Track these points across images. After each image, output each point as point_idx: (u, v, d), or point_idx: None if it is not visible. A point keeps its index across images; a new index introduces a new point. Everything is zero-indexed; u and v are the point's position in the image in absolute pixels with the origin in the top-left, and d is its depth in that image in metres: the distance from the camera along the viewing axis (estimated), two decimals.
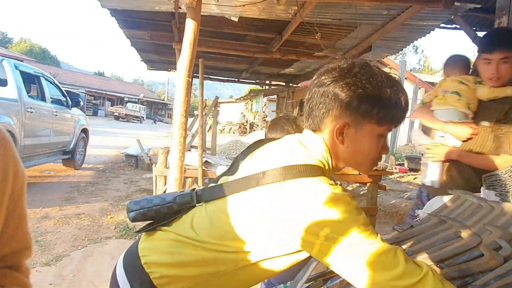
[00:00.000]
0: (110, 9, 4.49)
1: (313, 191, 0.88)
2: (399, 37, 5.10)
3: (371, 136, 0.97)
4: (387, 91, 0.94)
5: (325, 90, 0.96)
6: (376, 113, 0.94)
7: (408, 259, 0.87)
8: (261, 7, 3.99)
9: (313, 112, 0.99)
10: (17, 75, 5.46)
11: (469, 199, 1.42)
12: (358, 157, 1.00)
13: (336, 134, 0.96)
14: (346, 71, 0.95)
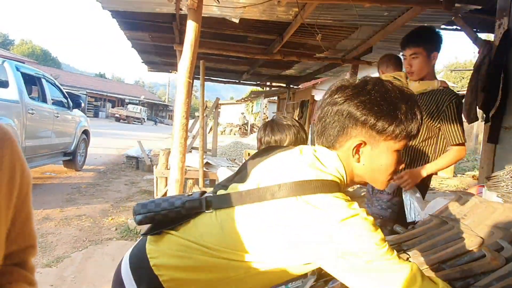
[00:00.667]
0: (111, 11, 4.50)
1: (330, 207, 0.87)
2: (399, 38, 5.06)
3: (388, 153, 0.96)
4: (402, 107, 0.93)
5: (339, 109, 0.95)
6: (392, 130, 0.93)
7: (424, 276, 0.87)
8: (261, 9, 3.99)
9: (326, 130, 0.98)
10: (19, 76, 5.47)
11: (471, 200, 1.42)
12: (375, 174, 0.99)
13: (353, 153, 0.95)
14: (360, 89, 0.95)
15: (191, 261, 0.98)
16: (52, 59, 51.15)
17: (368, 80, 0.97)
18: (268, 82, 11.10)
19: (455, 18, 4.19)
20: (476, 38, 4.10)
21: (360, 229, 0.85)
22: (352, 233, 0.85)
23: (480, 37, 4.14)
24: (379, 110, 0.91)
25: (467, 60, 35.67)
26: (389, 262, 0.85)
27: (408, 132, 0.94)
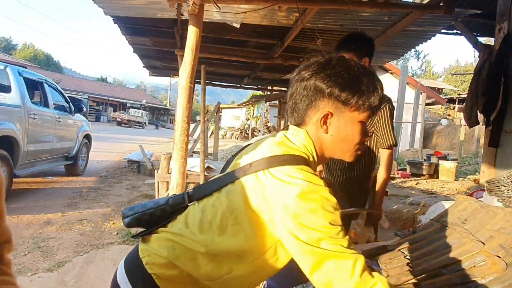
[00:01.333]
0: (113, 16, 4.53)
1: (293, 179, 0.91)
2: (400, 42, 5.12)
3: (353, 123, 1.01)
4: (364, 80, 0.99)
5: (306, 84, 1.00)
6: (356, 101, 0.98)
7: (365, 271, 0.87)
8: (262, 14, 4.01)
9: (297, 106, 1.03)
10: (21, 81, 5.51)
11: (472, 205, 1.42)
12: (343, 144, 1.03)
13: (321, 124, 1.01)
14: (325, 64, 1.01)
15: (179, 253, 1.00)
16: (54, 64, 51.40)
17: (333, 57, 1.03)
18: (269, 86, 11.13)
19: (455, 22, 4.21)
20: (476, 42, 4.12)
21: (318, 205, 0.88)
22: (309, 207, 0.87)
23: (480, 41, 4.15)
24: (343, 82, 0.97)
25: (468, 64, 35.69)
26: (336, 247, 0.86)
27: (370, 104, 1.00)
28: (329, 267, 0.86)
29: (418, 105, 14.86)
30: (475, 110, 3.50)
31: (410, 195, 6.52)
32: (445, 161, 8.81)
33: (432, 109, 23.30)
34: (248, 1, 3.42)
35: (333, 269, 0.86)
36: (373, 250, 1.36)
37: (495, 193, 1.58)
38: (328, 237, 0.87)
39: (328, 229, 0.87)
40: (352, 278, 0.85)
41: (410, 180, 8.20)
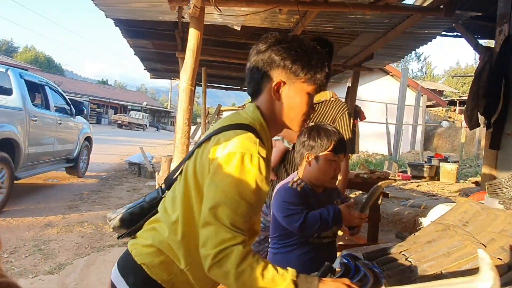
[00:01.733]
0: (115, 19, 4.55)
1: (228, 142, 1.01)
2: (400, 45, 5.13)
3: (302, 94, 1.10)
4: (314, 57, 1.09)
5: (263, 55, 1.09)
6: (305, 73, 1.08)
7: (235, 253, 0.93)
8: (263, 16, 4.03)
9: (254, 76, 1.12)
10: (22, 84, 5.52)
11: (473, 207, 1.42)
12: (291, 112, 1.11)
13: (274, 91, 1.09)
14: (281, 39, 1.10)
15: (161, 237, 1.07)
16: (55, 66, 51.49)
17: (289, 34, 1.15)
18: None
19: (455, 24, 4.22)
20: (477, 45, 4.12)
21: (238, 170, 0.96)
22: (229, 170, 0.97)
23: (480, 44, 4.16)
24: (295, 55, 1.07)
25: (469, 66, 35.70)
26: (226, 219, 0.94)
27: (316, 79, 1.10)
28: (210, 231, 0.95)
29: (419, 107, 14.85)
30: (476, 112, 3.50)
31: (411, 197, 6.51)
32: (446, 163, 8.80)
33: (432, 111, 23.28)
34: (249, 4, 3.43)
35: (213, 235, 0.94)
36: (374, 252, 1.36)
37: (496, 196, 1.58)
38: (225, 205, 0.95)
39: (232, 197, 0.96)
40: (215, 249, 0.93)
41: (411, 182, 8.19)
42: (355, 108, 5.95)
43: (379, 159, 12.96)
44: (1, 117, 4.83)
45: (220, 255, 0.93)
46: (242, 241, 0.96)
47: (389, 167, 9.30)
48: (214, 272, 0.95)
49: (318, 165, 1.61)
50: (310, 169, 1.64)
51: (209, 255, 0.93)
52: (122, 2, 3.89)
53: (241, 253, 0.94)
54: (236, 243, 0.94)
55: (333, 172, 1.61)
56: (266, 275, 0.94)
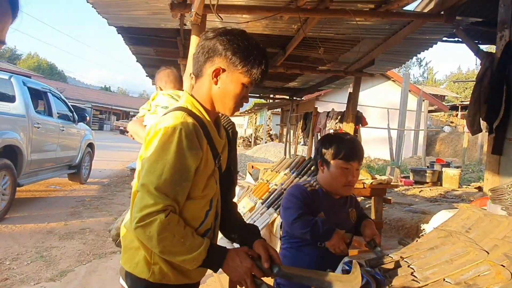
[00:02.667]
0: (117, 27, 4.58)
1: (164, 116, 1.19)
2: (401, 50, 5.14)
3: (237, 83, 1.21)
4: (254, 53, 1.20)
5: (209, 42, 1.21)
6: (243, 65, 1.19)
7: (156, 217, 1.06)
8: (264, 23, 4.05)
9: (198, 58, 1.24)
10: (25, 91, 5.55)
11: (475, 213, 1.41)
12: (226, 98, 1.23)
13: (213, 75, 1.21)
14: (228, 31, 1.22)
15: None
16: (58, 73, 51.76)
17: (238, 29, 1.25)
18: (272, 94, 11.16)
19: (456, 30, 4.22)
20: (478, 50, 4.12)
21: (166, 141, 1.11)
22: (156, 143, 1.12)
23: (482, 49, 4.16)
24: (237, 48, 1.18)
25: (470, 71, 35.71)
26: (149, 186, 1.08)
27: (252, 73, 1.20)
28: (137, 197, 1.10)
29: (421, 113, 14.84)
30: (478, 118, 3.49)
31: (414, 202, 6.49)
32: (449, 168, 8.77)
33: (434, 116, 23.26)
34: (250, 11, 3.46)
35: (139, 200, 1.09)
36: (377, 259, 1.35)
37: (499, 202, 1.57)
38: (150, 173, 1.09)
39: (156, 165, 1.10)
40: (139, 213, 1.06)
41: (414, 187, 8.16)
42: (357, 113, 5.95)
43: (381, 165, 12.93)
44: (4, 124, 4.85)
45: (144, 221, 1.06)
46: (164, 207, 1.07)
47: (391, 172, 9.28)
48: (138, 233, 1.08)
49: (330, 172, 1.65)
50: (323, 176, 1.69)
51: (135, 218, 1.07)
52: (125, 10, 3.92)
53: (164, 222, 1.05)
54: (158, 210, 1.06)
55: (345, 179, 1.63)
56: (185, 242, 1.09)
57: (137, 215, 1.07)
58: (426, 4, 3.91)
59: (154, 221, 1.06)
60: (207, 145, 1.21)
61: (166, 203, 1.08)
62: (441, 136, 18.29)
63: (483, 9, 4.12)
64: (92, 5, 3.63)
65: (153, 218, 1.06)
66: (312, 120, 7.60)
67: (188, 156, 1.12)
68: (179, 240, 1.08)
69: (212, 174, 1.25)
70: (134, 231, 1.09)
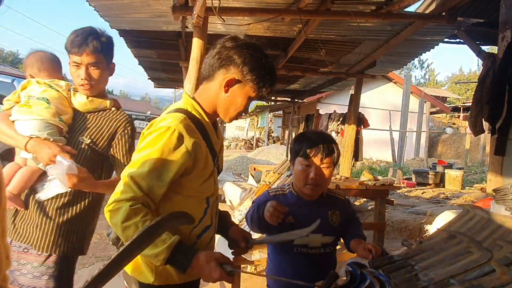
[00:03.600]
0: (119, 30, 4.60)
1: (164, 116, 1.21)
2: (403, 52, 5.14)
3: (246, 96, 1.26)
4: (269, 72, 1.26)
5: (228, 51, 1.24)
6: (256, 82, 1.24)
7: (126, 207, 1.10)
8: (266, 25, 4.06)
9: (213, 63, 1.26)
10: None
11: (479, 214, 1.41)
12: (231, 107, 1.27)
13: (225, 84, 1.23)
14: (248, 45, 1.25)
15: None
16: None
17: (255, 43, 1.28)
18: (273, 96, 11.18)
19: (458, 31, 4.22)
20: (480, 51, 4.12)
21: (156, 141, 1.15)
22: (149, 138, 1.17)
23: (483, 50, 4.16)
24: (256, 65, 1.23)
25: (472, 72, 35.66)
26: (143, 165, 1.13)
27: (261, 91, 1.26)
28: (119, 184, 1.14)
29: (423, 114, 14.83)
30: (480, 119, 3.48)
31: (416, 204, 6.47)
32: (451, 170, 8.75)
33: (436, 117, 23.21)
34: (251, 13, 3.47)
35: (117, 187, 1.14)
36: (380, 260, 1.35)
37: (503, 202, 1.57)
38: (132, 165, 1.14)
39: (139, 159, 1.14)
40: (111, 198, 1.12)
41: (416, 189, 8.14)
42: (359, 115, 5.95)
43: (383, 166, 12.90)
44: None
45: (112, 206, 1.10)
46: (133, 197, 1.10)
47: (393, 174, 9.26)
48: (107, 218, 1.12)
49: (294, 170, 1.57)
50: (293, 176, 1.61)
51: (108, 203, 1.13)
52: (126, 13, 3.94)
53: (129, 211, 1.08)
54: (127, 198, 1.10)
55: (306, 177, 1.50)
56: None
57: (110, 200, 1.12)
58: (427, 5, 3.91)
59: (120, 209, 1.09)
60: (206, 147, 1.23)
61: (137, 194, 1.11)
62: (443, 137, 18.25)
63: (484, 10, 4.12)
64: (94, 8, 3.65)
65: (120, 205, 1.09)
66: (314, 122, 7.60)
67: (173, 157, 1.14)
68: None
69: (212, 174, 1.28)
70: (105, 214, 1.13)
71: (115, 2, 3.58)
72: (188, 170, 1.19)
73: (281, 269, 1.57)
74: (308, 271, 1.52)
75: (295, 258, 1.54)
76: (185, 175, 1.19)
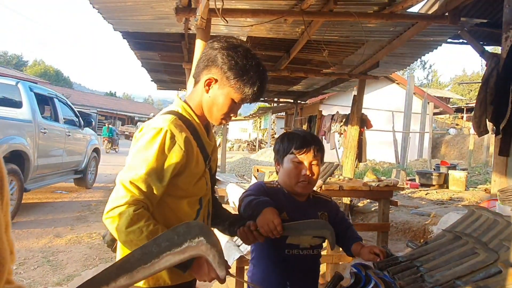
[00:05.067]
0: (122, 32, 4.62)
1: (155, 119, 1.24)
2: (406, 52, 5.12)
3: (227, 97, 1.26)
4: (250, 74, 1.23)
5: (212, 52, 1.25)
6: (235, 82, 1.23)
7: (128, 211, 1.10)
8: (268, 27, 4.06)
9: (199, 64, 1.29)
10: (32, 97, 5.60)
11: (484, 215, 1.40)
12: (213, 108, 1.28)
13: (205, 84, 1.26)
14: (232, 46, 1.25)
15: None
16: (64, 79, 52.23)
17: (242, 45, 1.27)
18: (276, 98, 11.17)
19: (461, 32, 4.21)
20: (483, 51, 4.11)
21: (148, 143, 1.15)
22: (142, 142, 1.17)
23: (487, 50, 4.14)
24: (234, 64, 1.22)
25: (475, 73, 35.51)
26: (140, 167, 1.13)
27: (243, 91, 1.24)
28: (116, 189, 1.14)
29: (426, 115, 14.78)
30: (484, 119, 3.47)
31: (420, 205, 6.44)
32: (455, 171, 8.71)
33: (439, 118, 23.13)
34: (254, 15, 3.47)
35: (114, 192, 1.13)
36: (385, 262, 1.34)
37: (508, 202, 1.56)
38: (129, 169, 1.14)
39: (136, 162, 1.14)
40: (110, 203, 1.11)
41: (420, 190, 8.10)
42: (362, 116, 5.94)
43: (387, 167, 12.86)
44: (11, 129, 4.90)
45: (113, 213, 1.09)
46: (134, 201, 1.10)
47: (397, 175, 9.22)
48: (107, 223, 1.11)
49: (284, 169, 1.54)
50: (280, 175, 1.58)
51: (106, 208, 1.11)
52: (130, 15, 3.95)
53: (133, 216, 1.08)
54: (129, 202, 1.10)
55: (299, 175, 1.50)
56: (152, 238, 1.07)
57: (108, 206, 1.11)
58: (430, 5, 3.90)
59: (122, 214, 1.09)
60: (197, 147, 1.25)
61: (139, 197, 1.11)
62: (447, 138, 18.17)
63: (487, 10, 4.11)
64: (98, 11, 3.66)
65: (122, 210, 1.09)
66: (317, 123, 7.59)
67: (168, 158, 1.16)
68: (147, 236, 1.08)
69: (203, 175, 1.29)
70: (104, 221, 1.12)
71: (119, 4, 3.59)
72: (182, 169, 1.20)
73: (269, 273, 1.52)
74: (298, 273, 1.50)
75: (286, 260, 1.50)
76: (178, 174, 1.20)
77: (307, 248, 1.51)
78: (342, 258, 3.25)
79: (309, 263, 1.55)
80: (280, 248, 1.49)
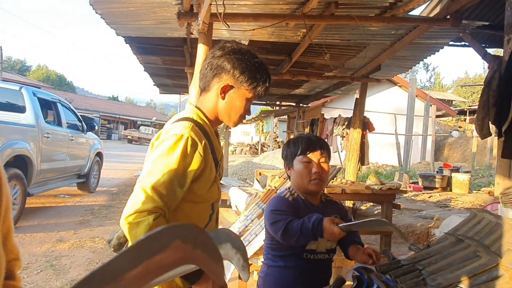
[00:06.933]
0: (125, 37, 4.65)
1: (171, 126, 1.24)
2: (408, 55, 5.13)
3: (243, 98, 1.30)
4: (260, 71, 1.29)
5: (218, 60, 1.28)
6: (249, 83, 1.28)
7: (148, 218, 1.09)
8: (270, 31, 4.08)
9: (206, 74, 1.31)
10: (35, 101, 5.64)
11: (486, 217, 1.40)
12: (232, 112, 1.31)
13: (221, 92, 1.29)
14: (236, 49, 1.29)
15: None
16: (67, 84, 52.46)
17: (242, 47, 1.32)
18: (278, 101, 11.18)
19: (463, 34, 4.21)
20: (485, 54, 4.10)
21: (169, 149, 1.16)
22: (163, 148, 1.18)
23: (489, 53, 4.14)
24: (245, 67, 1.27)
25: (477, 75, 35.43)
26: (149, 180, 1.13)
27: (257, 90, 1.30)
28: (132, 195, 1.13)
29: (428, 118, 14.73)
30: (487, 122, 3.46)
31: (423, 208, 6.41)
32: (458, 173, 8.67)
33: (442, 121, 23.06)
34: (256, 19, 3.49)
35: (133, 198, 1.12)
36: (388, 265, 1.34)
37: (510, 205, 1.55)
38: (151, 174, 1.14)
39: (158, 167, 1.14)
40: (130, 209, 1.10)
41: (423, 193, 8.07)
42: (364, 119, 5.93)
43: (390, 170, 12.82)
44: (14, 134, 4.92)
45: (133, 220, 1.09)
46: (154, 209, 1.10)
47: (399, 178, 9.20)
48: (125, 230, 1.11)
49: (295, 171, 1.61)
50: (292, 179, 1.65)
51: (126, 214, 1.10)
52: (132, 20, 3.98)
53: (152, 225, 1.08)
54: (149, 209, 1.09)
55: (310, 173, 1.57)
56: None
57: (127, 211, 1.10)
58: (432, 8, 3.91)
59: (142, 222, 1.08)
60: (210, 154, 1.28)
61: (158, 204, 1.11)
62: (450, 141, 18.11)
63: (489, 13, 4.11)
64: (100, 16, 3.69)
65: (142, 218, 1.09)
66: (319, 126, 7.59)
67: (190, 163, 1.18)
68: None
69: (215, 180, 1.32)
70: (121, 226, 1.12)
71: (121, 9, 3.62)
72: (199, 175, 1.23)
73: (284, 276, 1.56)
74: (314, 277, 1.53)
75: (303, 263, 1.54)
76: (195, 180, 1.23)
77: (323, 252, 1.56)
78: (345, 262, 3.24)
79: (324, 267, 1.60)
80: (299, 253, 1.54)
